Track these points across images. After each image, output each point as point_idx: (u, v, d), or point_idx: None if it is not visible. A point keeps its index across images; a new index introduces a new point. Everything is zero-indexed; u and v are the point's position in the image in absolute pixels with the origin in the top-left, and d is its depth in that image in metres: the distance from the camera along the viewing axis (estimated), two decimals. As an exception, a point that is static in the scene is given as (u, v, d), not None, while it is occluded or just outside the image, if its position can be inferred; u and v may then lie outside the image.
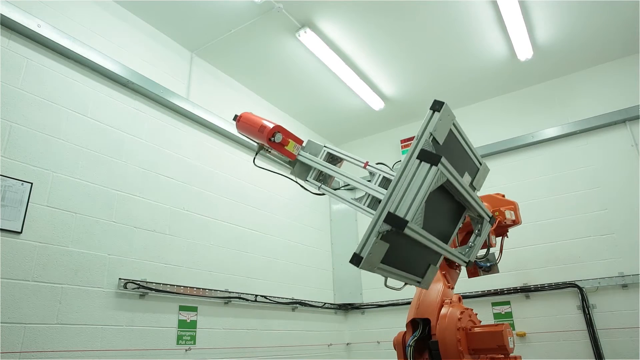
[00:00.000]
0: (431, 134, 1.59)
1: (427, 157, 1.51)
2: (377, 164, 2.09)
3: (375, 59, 4.40)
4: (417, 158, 1.53)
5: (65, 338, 2.61)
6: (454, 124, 1.76)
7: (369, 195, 1.98)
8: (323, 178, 2.26)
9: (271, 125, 2.17)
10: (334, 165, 2.22)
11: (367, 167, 2.05)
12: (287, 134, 2.20)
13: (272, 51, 4.24)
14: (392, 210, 1.52)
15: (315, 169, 2.22)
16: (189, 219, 3.66)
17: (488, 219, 2.11)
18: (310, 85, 4.81)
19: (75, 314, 2.69)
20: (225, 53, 4.27)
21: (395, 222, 1.50)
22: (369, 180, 2.01)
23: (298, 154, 2.23)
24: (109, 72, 3.25)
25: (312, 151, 2.26)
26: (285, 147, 2.19)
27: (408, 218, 1.49)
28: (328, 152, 2.22)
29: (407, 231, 1.50)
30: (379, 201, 2.06)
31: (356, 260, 1.56)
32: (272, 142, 2.15)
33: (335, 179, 2.20)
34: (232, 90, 4.63)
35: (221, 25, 3.90)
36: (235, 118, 2.34)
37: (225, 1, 3.63)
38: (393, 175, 1.98)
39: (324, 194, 2.25)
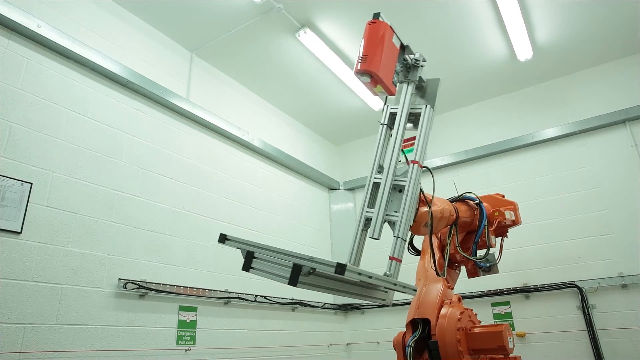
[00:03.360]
0: (313, 269, 1.47)
1: (292, 275, 1.50)
2: (422, 167, 2.05)
3: (375, 59, 4.39)
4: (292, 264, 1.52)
5: (64, 338, 2.61)
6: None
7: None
8: (391, 122, 2.20)
9: (361, 66, 1.96)
10: (411, 123, 2.17)
11: (411, 164, 2.01)
12: (379, 81, 2.01)
13: (272, 51, 4.24)
14: (253, 255, 1.65)
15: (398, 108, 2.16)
16: (189, 219, 3.66)
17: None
18: (310, 86, 4.81)
19: (75, 314, 2.69)
20: (225, 53, 4.27)
21: (246, 260, 1.66)
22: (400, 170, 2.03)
23: (402, 82, 2.18)
24: (109, 72, 3.25)
25: (427, 91, 2.21)
26: (374, 87, 2.06)
27: (254, 265, 1.65)
28: (418, 112, 2.15)
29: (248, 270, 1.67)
30: (374, 196, 2.08)
31: (221, 238, 1.71)
32: (357, 77, 2.03)
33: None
34: (231, 90, 4.63)
35: (221, 26, 3.90)
36: (374, 17, 2.10)
37: (225, 1, 3.63)
38: (407, 194, 1.98)
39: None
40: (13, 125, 2.66)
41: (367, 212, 2.05)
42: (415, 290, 1.90)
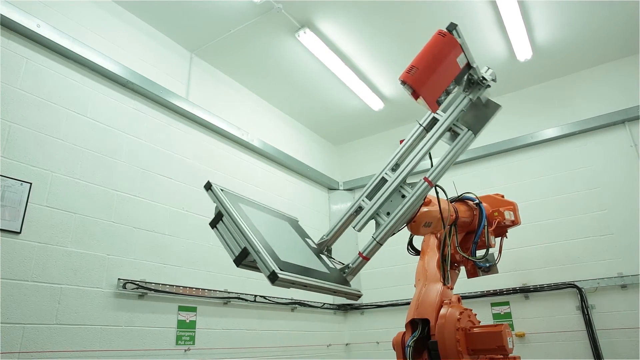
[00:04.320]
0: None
1: (238, 256, 1.70)
2: (433, 185, 2.03)
3: (374, 60, 4.39)
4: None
5: (64, 338, 2.60)
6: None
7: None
8: (430, 125, 2.15)
9: (405, 77, 1.84)
10: (449, 136, 2.12)
11: (422, 180, 1.97)
12: (416, 97, 1.88)
13: (271, 51, 4.24)
14: (221, 217, 1.76)
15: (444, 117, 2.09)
16: (189, 219, 3.66)
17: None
18: (310, 86, 4.81)
19: (74, 314, 2.69)
20: (225, 53, 4.27)
21: (215, 218, 1.80)
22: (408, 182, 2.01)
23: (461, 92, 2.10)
24: (109, 72, 3.25)
25: (480, 113, 2.15)
26: (415, 99, 1.93)
27: (218, 226, 1.80)
28: (459, 132, 2.07)
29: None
30: (377, 189, 2.07)
31: (207, 185, 1.89)
32: (400, 83, 1.91)
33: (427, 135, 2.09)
34: (231, 90, 4.63)
35: (221, 26, 3.90)
36: (448, 28, 1.89)
37: (225, 1, 3.63)
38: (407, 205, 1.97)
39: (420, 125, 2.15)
40: (12, 125, 2.66)
41: (362, 201, 2.06)
42: (359, 296, 1.89)
